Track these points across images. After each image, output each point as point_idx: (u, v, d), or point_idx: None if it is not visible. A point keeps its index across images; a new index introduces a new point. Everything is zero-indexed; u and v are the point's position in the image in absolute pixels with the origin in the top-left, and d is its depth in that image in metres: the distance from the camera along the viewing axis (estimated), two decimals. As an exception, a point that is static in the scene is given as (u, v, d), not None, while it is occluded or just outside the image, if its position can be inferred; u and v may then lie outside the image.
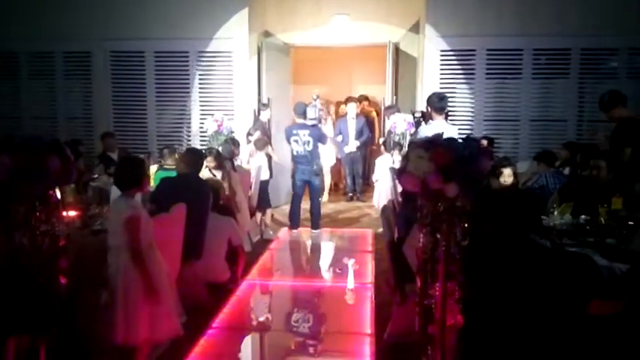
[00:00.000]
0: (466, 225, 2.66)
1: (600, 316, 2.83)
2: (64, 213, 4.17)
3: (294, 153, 7.71)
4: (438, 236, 2.86)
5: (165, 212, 4.52)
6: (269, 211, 7.91)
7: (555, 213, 4.84)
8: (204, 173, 5.98)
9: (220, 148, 6.94)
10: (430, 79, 8.42)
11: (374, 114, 11.04)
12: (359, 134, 9.83)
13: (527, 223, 3.69)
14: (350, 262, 6.02)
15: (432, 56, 8.44)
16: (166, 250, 4.16)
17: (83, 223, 4.73)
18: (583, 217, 4.79)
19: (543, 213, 4.77)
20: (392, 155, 7.82)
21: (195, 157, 5.46)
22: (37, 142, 2.87)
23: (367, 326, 4.88)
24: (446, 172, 2.62)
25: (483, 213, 2.89)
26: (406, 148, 6.72)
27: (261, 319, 5.41)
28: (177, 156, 6.35)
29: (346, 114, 10.08)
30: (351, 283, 5.89)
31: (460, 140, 2.79)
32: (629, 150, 5.23)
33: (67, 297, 3.63)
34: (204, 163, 5.95)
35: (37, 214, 2.84)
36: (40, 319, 2.63)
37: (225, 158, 6.63)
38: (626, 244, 4.01)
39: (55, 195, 2.97)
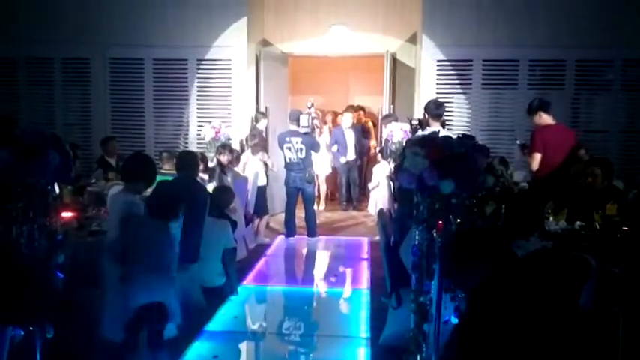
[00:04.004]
0: (459, 221, 2.69)
1: (590, 312, 2.85)
2: (62, 214, 4.21)
3: (287, 160, 7.74)
4: (434, 233, 2.89)
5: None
6: (265, 218, 7.92)
7: (550, 219, 4.88)
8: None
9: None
10: (427, 88, 8.49)
11: (370, 124, 11.11)
12: (356, 143, 9.90)
13: (532, 223, 3.75)
14: (346, 269, 6.04)
15: (428, 66, 8.51)
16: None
17: (80, 224, 4.74)
18: (578, 223, 4.82)
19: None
20: (389, 163, 7.85)
21: (190, 160, 5.48)
22: (37, 137, 2.91)
23: (363, 330, 4.89)
24: (441, 168, 2.66)
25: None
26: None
27: (256, 322, 5.41)
28: (175, 161, 6.38)
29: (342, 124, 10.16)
30: (346, 288, 5.90)
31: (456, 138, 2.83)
32: (539, 156, 5.69)
33: (64, 294, 3.64)
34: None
35: (36, 208, 2.87)
36: (36, 310, 2.64)
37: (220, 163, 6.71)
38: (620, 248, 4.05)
39: (54, 190, 3.00)
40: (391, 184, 6.71)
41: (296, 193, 7.85)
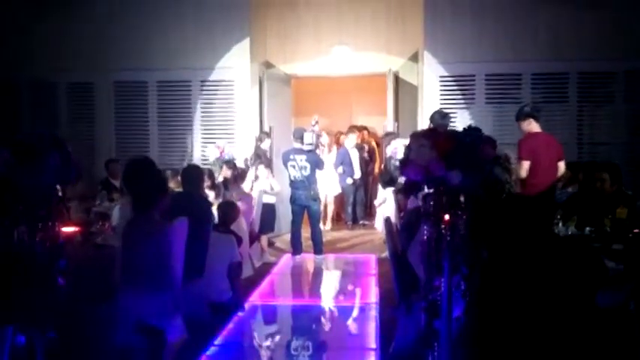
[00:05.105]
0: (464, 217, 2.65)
1: (608, 308, 2.79)
2: (66, 228, 4.17)
3: (292, 178, 7.71)
4: (442, 229, 2.84)
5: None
6: (266, 236, 7.84)
7: (560, 225, 4.83)
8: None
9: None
10: (430, 105, 8.47)
11: (374, 144, 11.13)
12: (362, 163, 9.91)
13: (539, 227, 3.70)
14: (353, 284, 5.99)
15: (431, 82, 8.54)
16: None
17: (85, 238, 4.71)
18: (588, 228, 4.77)
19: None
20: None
21: (194, 174, 5.46)
22: (37, 138, 2.88)
23: (371, 342, 4.80)
24: (448, 159, 2.62)
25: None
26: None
27: (263, 336, 5.33)
28: (179, 178, 6.36)
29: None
30: (355, 303, 5.82)
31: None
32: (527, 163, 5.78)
33: (66, 303, 3.58)
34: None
35: (38, 210, 2.83)
36: (36, 311, 2.59)
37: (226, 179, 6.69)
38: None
39: (57, 192, 2.96)
40: (398, 197, 6.67)
41: (302, 211, 7.80)
